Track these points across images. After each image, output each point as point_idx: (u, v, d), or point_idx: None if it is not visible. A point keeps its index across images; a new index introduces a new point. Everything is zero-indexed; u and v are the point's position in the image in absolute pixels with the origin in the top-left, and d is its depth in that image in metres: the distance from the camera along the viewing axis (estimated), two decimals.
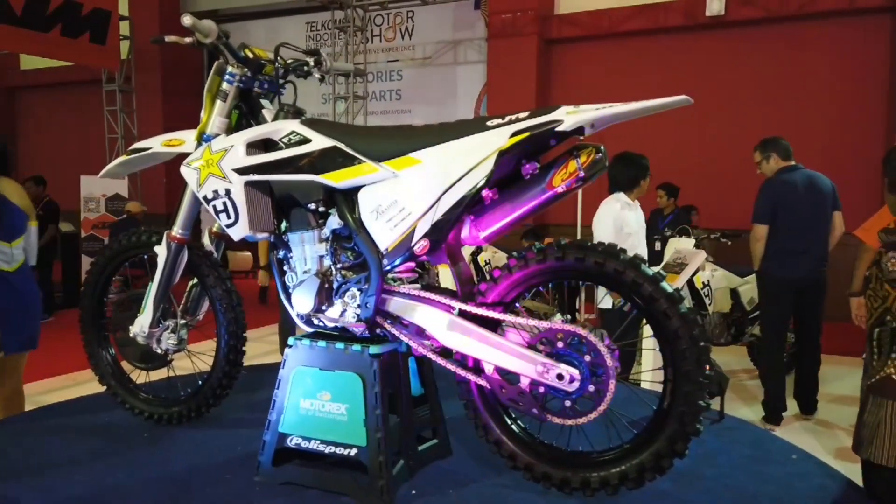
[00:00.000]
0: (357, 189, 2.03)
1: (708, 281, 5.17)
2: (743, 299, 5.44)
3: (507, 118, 1.84)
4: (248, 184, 2.12)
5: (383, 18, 11.59)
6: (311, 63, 2.42)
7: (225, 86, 2.25)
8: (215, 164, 2.16)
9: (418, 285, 2.09)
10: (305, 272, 2.14)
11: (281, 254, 2.21)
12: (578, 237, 7.31)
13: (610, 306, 4.48)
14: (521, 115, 1.83)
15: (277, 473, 2.09)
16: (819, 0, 7.83)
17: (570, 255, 1.80)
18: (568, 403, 1.81)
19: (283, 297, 2.21)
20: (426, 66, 11.31)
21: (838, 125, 7.29)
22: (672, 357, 1.73)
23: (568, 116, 1.75)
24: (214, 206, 2.16)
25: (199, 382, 2.51)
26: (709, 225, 6.97)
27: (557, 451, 1.91)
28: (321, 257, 2.12)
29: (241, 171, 2.12)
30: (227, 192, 2.13)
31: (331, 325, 2.12)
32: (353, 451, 1.99)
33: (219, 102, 2.26)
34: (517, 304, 1.96)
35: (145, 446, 2.41)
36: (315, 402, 2.07)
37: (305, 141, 2.07)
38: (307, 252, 2.13)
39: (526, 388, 1.85)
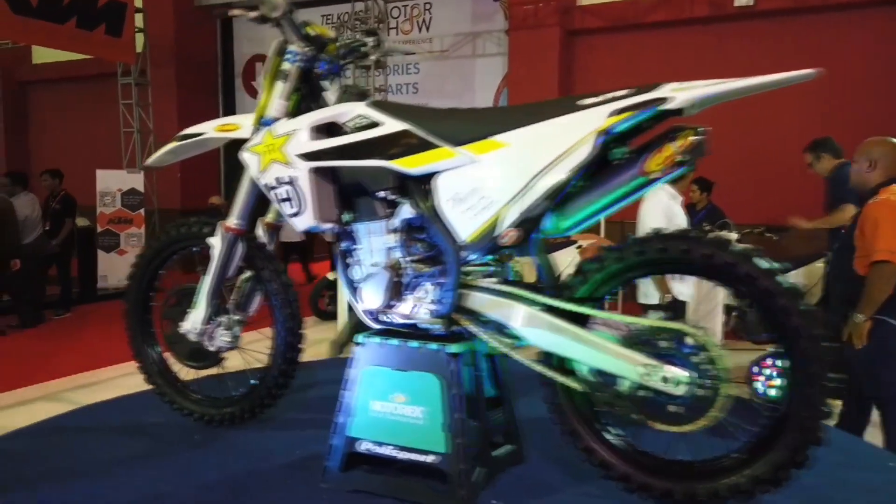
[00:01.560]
0: (431, 175, 1.89)
1: None
2: None
3: (603, 97, 1.70)
4: (313, 170, 1.99)
5: (400, 11, 11.43)
6: (370, 44, 2.28)
7: (286, 65, 2.12)
8: (278, 149, 2.02)
9: (495, 279, 1.95)
10: (373, 265, 2.00)
11: (345, 246, 2.08)
12: (602, 234, 7.18)
13: (657, 301, 4.34)
14: (619, 92, 1.69)
15: (346, 480, 1.96)
16: None
17: (673, 247, 1.66)
18: (673, 409, 1.67)
19: (348, 291, 2.08)
20: (444, 59, 11.16)
21: (872, 118, 7.09)
22: (791, 357, 1.58)
23: (676, 93, 1.60)
24: (277, 195, 2.03)
25: (253, 382, 2.38)
26: (741, 221, 6.80)
27: (657, 459, 1.77)
28: (390, 249, 1.99)
29: (307, 157, 1.98)
30: (292, 179, 2.00)
31: (401, 321, 1.99)
32: (431, 458, 1.86)
33: (279, 84, 2.13)
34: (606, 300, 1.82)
35: (198, 449, 2.28)
36: (388, 405, 1.93)
37: (374, 124, 1.94)
38: (375, 244, 1.99)
39: (625, 391, 1.70)
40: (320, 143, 1.98)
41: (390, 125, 1.91)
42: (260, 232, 2.36)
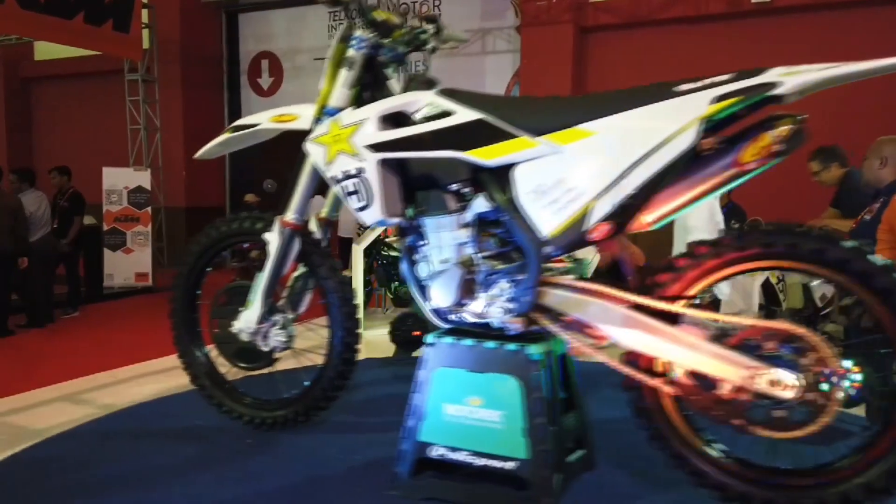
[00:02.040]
0: (508, 167, 1.80)
1: (782, 276, 4.94)
2: (814, 295, 5.20)
3: (702, 82, 1.61)
4: (381, 162, 1.89)
5: (409, 7, 11.31)
6: (430, 31, 2.19)
7: (351, 52, 2.02)
8: (346, 139, 1.93)
9: (572, 276, 1.86)
10: (443, 262, 1.90)
11: (410, 241, 1.98)
12: None
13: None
14: (721, 77, 1.60)
15: (418, 487, 1.86)
16: None
17: (780, 241, 1.57)
18: (779, 413, 1.57)
19: (414, 290, 1.98)
20: (453, 55, 11.03)
21: (891, 117, 6.99)
22: None
23: (785, 78, 1.52)
24: (344, 188, 1.93)
25: (307, 383, 2.28)
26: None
27: (756, 467, 1.67)
28: (461, 245, 1.89)
29: (376, 148, 1.89)
30: (360, 171, 1.90)
31: (472, 320, 1.89)
32: (511, 465, 1.77)
33: (343, 72, 2.03)
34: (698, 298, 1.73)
35: (253, 455, 2.18)
36: (462, 408, 1.84)
37: (446, 114, 1.84)
38: (445, 239, 1.90)
39: (726, 395, 1.61)
40: (390, 134, 1.89)
41: (463, 114, 1.82)
42: (313, 227, 2.27)
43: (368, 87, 2.08)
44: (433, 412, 1.87)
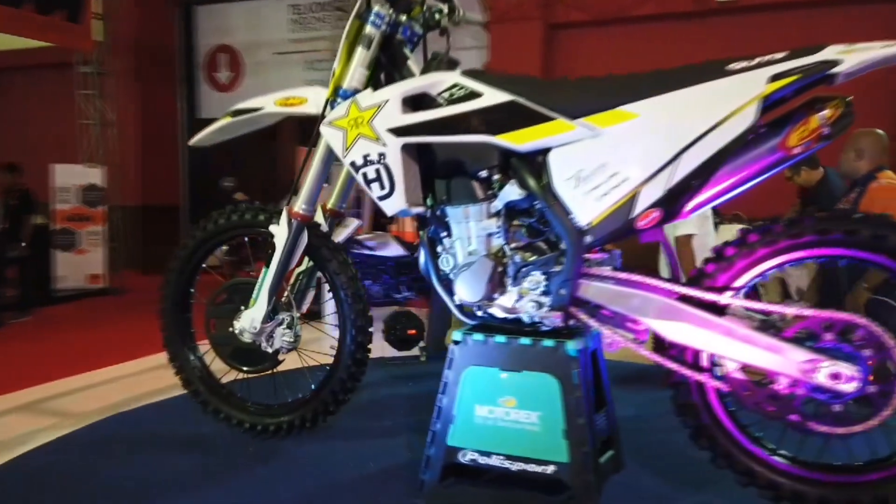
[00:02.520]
0: (540, 152, 1.69)
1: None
2: (790, 289, 5.26)
3: (756, 60, 1.53)
4: (404, 147, 1.76)
5: None
6: (445, 10, 2.06)
7: (369, 29, 1.89)
8: (366, 123, 1.79)
9: (609, 267, 1.76)
10: (470, 253, 1.78)
11: (433, 232, 1.86)
12: None
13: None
14: (775, 56, 1.52)
15: (447, 494, 1.74)
16: None
17: (836, 228, 1.50)
18: (837, 408, 1.50)
19: (436, 283, 1.85)
20: (417, 51, 10.90)
21: (866, 113, 7.08)
22: None
23: (844, 56, 1.44)
24: (365, 175, 1.80)
25: (314, 386, 2.13)
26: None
27: (809, 464, 1.60)
28: (490, 235, 1.77)
29: (399, 132, 1.76)
30: (382, 156, 1.77)
31: (502, 315, 1.78)
32: (551, 469, 1.66)
33: (360, 50, 1.89)
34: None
35: (261, 464, 2.03)
36: (496, 410, 1.72)
37: (474, 95, 1.72)
38: (473, 229, 1.78)
39: (782, 389, 1.53)
40: (414, 117, 1.76)
41: (492, 96, 1.71)
42: (320, 219, 2.12)
43: (383, 68, 1.95)
44: (463, 414, 1.75)
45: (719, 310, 1.58)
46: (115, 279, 9.73)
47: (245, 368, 2.12)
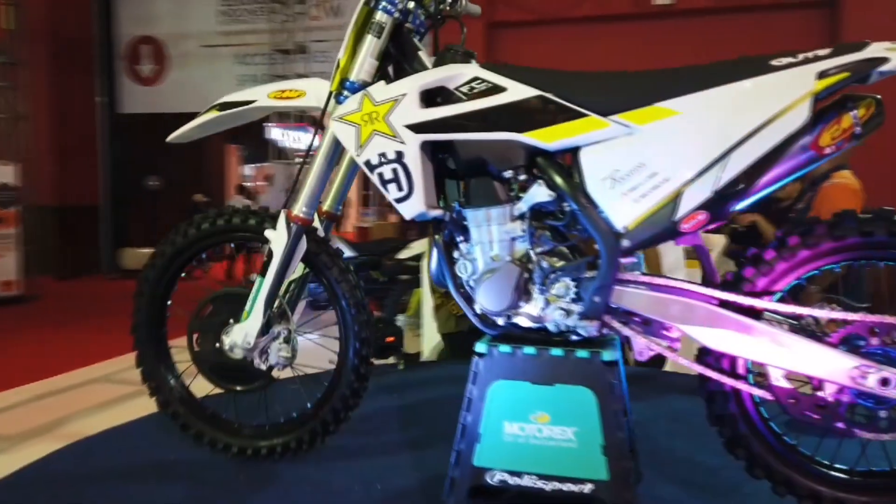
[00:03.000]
0: (568, 151, 1.60)
1: None
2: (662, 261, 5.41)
3: (801, 56, 1.48)
4: (423, 145, 1.63)
5: None
6: (449, 1, 1.94)
7: (380, 16, 1.74)
8: (382, 118, 1.64)
9: (638, 272, 1.68)
10: (492, 259, 1.67)
11: (450, 236, 1.73)
12: None
13: None
14: (819, 52, 1.47)
15: None
16: None
17: (881, 228, 1.47)
18: (884, 414, 1.48)
19: (454, 291, 1.73)
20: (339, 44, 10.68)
21: None
22: None
23: (893, 54, 1.41)
24: (381, 175, 1.65)
25: (310, 405, 1.96)
26: None
27: (849, 472, 1.57)
28: (513, 240, 1.67)
29: (418, 129, 1.63)
30: (399, 155, 1.63)
31: (526, 325, 1.67)
32: (588, 487, 1.56)
33: (369, 39, 1.74)
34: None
35: (257, 492, 1.84)
36: (527, 426, 1.61)
37: (497, 90, 1.62)
38: (495, 233, 1.66)
39: (830, 396, 1.49)
40: (434, 112, 1.63)
41: (517, 90, 1.60)
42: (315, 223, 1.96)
43: (391, 59, 1.81)
44: (490, 432, 1.63)
45: (760, 315, 1.54)
46: (29, 285, 9.09)
47: (236, 388, 1.93)
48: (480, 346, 1.67)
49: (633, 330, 1.61)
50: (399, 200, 1.65)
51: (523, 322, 1.67)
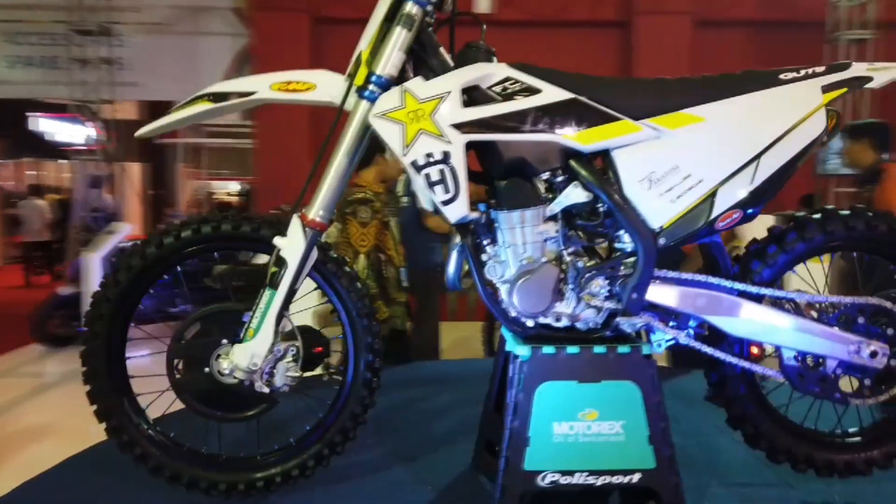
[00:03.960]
0: (600, 154, 1.65)
1: None
2: None
3: (802, 72, 1.67)
4: (466, 145, 1.58)
5: None
6: None
7: (411, 7, 1.63)
8: (427, 116, 1.55)
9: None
10: (526, 261, 1.66)
11: (483, 238, 1.69)
12: None
13: None
14: (817, 69, 1.68)
15: None
16: (570, 9, 8.79)
17: (860, 225, 1.72)
18: (868, 382, 1.73)
19: (483, 293, 1.69)
20: (159, 33, 9.77)
21: None
22: None
23: (874, 73, 1.65)
24: (428, 176, 1.56)
25: (309, 428, 1.79)
26: None
27: (821, 433, 1.82)
28: (546, 241, 1.67)
29: (463, 129, 1.57)
30: (447, 155, 1.55)
31: (558, 324, 1.69)
32: (637, 477, 1.62)
33: (399, 31, 1.63)
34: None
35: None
36: (576, 425, 1.63)
37: (532, 91, 1.61)
38: (528, 235, 1.66)
39: (830, 371, 1.71)
40: (477, 111, 1.58)
41: (553, 92, 1.62)
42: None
43: (411, 54, 1.71)
44: (539, 435, 1.62)
45: (772, 303, 1.71)
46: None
47: (231, 416, 1.70)
48: (524, 350, 1.65)
49: (665, 325, 1.69)
50: (446, 203, 1.57)
51: (560, 321, 1.69)
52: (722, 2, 8.53)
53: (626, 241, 1.68)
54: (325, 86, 1.65)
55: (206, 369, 1.65)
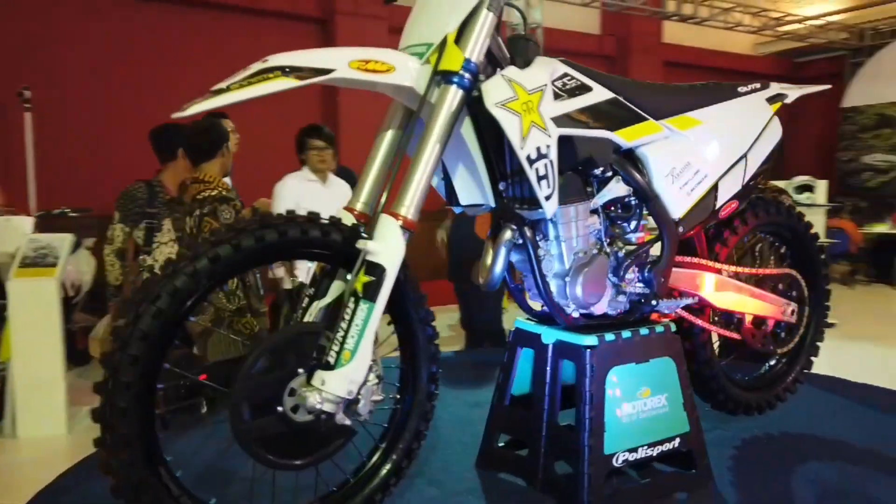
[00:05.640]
0: (632, 150, 1.80)
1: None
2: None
3: (749, 87, 2.03)
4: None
5: None
6: None
7: None
8: (535, 108, 1.49)
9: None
10: (578, 253, 1.72)
11: (541, 234, 1.69)
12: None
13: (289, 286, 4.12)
14: (756, 85, 2.05)
15: None
16: None
17: (773, 211, 2.17)
18: (783, 335, 2.19)
19: (541, 287, 1.69)
20: None
21: (279, 122, 7.49)
22: None
23: (787, 91, 2.10)
24: (537, 171, 1.49)
25: (366, 457, 1.56)
26: None
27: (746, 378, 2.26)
28: (591, 233, 1.75)
29: (557, 122, 1.55)
30: (549, 149, 1.52)
31: (601, 311, 1.79)
32: (677, 441, 1.81)
33: (486, 14, 1.48)
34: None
35: None
36: (636, 404, 1.74)
37: (585, 88, 1.69)
38: (581, 228, 1.72)
39: (769, 329, 2.12)
40: (564, 105, 1.58)
41: (601, 91, 1.71)
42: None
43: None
44: (612, 419, 1.68)
45: (734, 276, 2.05)
46: None
47: (304, 461, 1.38)
48: (591, 340, 1.69)
49: (675, 304, 1.91)
50: (547, 198, 1.53)
51: (605, 309, 1.78)
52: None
53: (642, 232, 1.84)
54: (403, 68, 1.44)
55: (280, 408, 1.33)
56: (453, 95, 1.45)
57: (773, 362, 2.32)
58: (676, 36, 10.95)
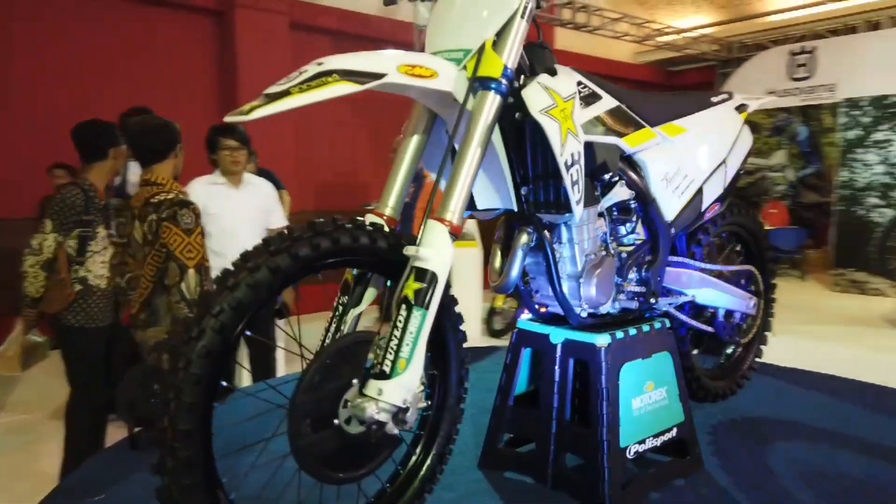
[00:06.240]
0: (631, 156, 1.89)
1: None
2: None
3: (720, 97, 2.18)
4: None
5: None
6: None
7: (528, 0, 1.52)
8: (570, 115, 1.52)
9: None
10: (588, 255, 1.78)
11: (558, 237, 1.73)
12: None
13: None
14: (723, 94, 2.20)
15: (630, 497, 1.73)
16: None
17: (740, 215, 2.34)
18: (744, 326, 2.36)
19: (557, 288, 1.74)
20: None
21: (175, 113, 7.23)
22: None
23: (749, 101, 2.27)
24: (572, 177, 1.52)
25: (399, 466, 1.53)
26: None
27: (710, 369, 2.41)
28: (598, 235, 1.82)
29: (585, 129, 1.60)
30: (580, 155, 1.56)
31: (607, 310, 1.86)
32: (675, 431, 1.91)
33: (519, 22, 1.49)
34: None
35: None
36: (643, 398, 1.82)
37: (596, 96, 1.75)
38: (591, 231, 1.78)
39: (736, 322, 2.28)
40: (589, 112, 1.62)
41: (608, 99, 1.79)
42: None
43: None
44: (626, 413, 1.75)
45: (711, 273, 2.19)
46: None
47: (355, 474, 1.34)
48: (601, 339, 1.75)
49: (667, 302, 2.01)
50: (578, 202, 1.56)
51: (612, 307, 1.85)
52: (312, 10, 8.99)
53: (639, 233, 1.93)
54: (445, 74, 1.42)
55: (336, 421, 1.28)
56: (492, 101, 1.44)
57: (729, 351, 2.50)
58: (567, 43, 11.43)
